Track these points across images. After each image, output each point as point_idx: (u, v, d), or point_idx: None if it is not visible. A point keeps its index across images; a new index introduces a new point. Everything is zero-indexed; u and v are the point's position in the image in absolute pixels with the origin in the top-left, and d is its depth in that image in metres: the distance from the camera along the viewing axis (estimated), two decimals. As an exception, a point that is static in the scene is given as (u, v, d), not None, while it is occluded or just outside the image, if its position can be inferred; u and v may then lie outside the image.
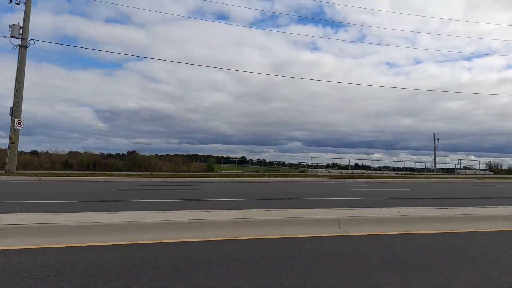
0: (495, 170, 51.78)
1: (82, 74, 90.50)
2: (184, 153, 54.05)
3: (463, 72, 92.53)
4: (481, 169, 53.72)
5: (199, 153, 63.09)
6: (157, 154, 37.47)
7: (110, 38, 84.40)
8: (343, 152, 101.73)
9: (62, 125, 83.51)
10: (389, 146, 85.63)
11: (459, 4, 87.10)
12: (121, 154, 39.45)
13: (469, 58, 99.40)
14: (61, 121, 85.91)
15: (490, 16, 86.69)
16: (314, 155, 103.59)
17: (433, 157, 52.68)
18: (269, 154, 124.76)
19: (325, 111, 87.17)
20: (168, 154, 44.09)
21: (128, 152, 36.30)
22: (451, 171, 52.74)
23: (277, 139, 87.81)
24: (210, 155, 54.18)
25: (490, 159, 65.83)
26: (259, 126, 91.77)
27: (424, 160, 67.19)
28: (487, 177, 37.51)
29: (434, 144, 53.97)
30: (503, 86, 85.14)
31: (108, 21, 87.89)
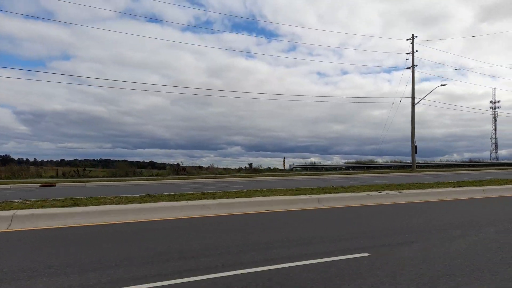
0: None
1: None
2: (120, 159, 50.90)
3: (384, 83, 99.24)
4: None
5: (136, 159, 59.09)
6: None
7: (30, 35, 77.53)
8: (280, 157, 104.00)
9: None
10: (324, 150, 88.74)
11: (378, 22, 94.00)
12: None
13: (388, 71, 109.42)
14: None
15: (405, 34, 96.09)
16: (253, 159, 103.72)
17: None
18: (209, 159, 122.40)
19: (262, 117, 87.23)
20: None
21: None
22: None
23: (217, 144, 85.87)
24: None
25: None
26: (197, 130, 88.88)
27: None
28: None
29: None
30: (418, 96, 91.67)
31: (27, 17, 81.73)
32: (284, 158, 45.08)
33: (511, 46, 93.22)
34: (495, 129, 64.27)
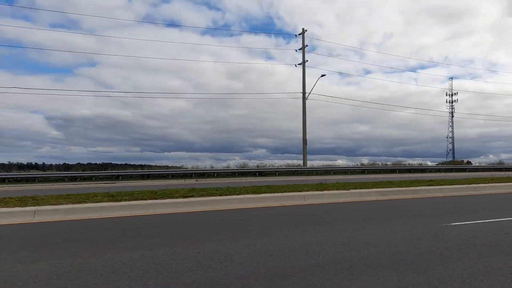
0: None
1: (30, 79, 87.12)
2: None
3: (409, 82, 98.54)
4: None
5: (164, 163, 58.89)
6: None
7: (57, 44, 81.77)
8: (309, 159, 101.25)
9: (10, 133, 77.27)
10: (351, 152, 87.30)
11: (398, 19, 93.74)
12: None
13: (414, 69, 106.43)
14: (9, 129, 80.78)
15: (427, 31, 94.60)
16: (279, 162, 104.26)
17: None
18: (235, 162, 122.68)
19: (285, 118, 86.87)
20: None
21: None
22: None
23: (241, 146, 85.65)
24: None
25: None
26: (222, 133, 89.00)
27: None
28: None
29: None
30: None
31: (53, 25, 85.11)
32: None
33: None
34: (452, 127, 54.21)
